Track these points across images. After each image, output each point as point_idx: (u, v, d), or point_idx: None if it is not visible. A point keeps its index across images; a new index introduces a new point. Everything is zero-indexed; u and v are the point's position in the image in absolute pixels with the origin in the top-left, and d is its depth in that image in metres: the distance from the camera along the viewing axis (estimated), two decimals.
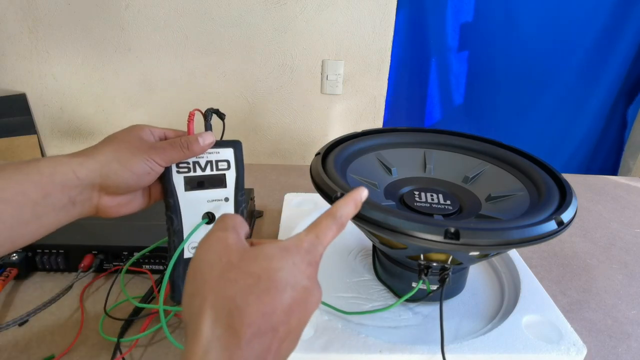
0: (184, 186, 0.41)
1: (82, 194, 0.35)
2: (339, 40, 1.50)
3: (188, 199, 0.41)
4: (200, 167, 0.42)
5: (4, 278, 0.52)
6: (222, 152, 0.43)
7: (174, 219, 0.41)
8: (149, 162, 0.37)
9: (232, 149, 0.43)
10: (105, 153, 0.36)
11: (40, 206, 0.33)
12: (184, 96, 1.58)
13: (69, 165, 0.34)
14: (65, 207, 0.35)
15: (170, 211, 0.41)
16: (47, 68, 1.52)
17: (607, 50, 1.61)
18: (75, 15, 1.44)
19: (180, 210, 0.41)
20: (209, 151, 0.42)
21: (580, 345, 0.43)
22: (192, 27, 1.47)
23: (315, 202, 0.69)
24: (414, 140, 0.59)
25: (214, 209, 0.42)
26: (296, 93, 1.58)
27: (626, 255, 0.69)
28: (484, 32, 1.61)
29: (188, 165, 0.41)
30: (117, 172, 0.36)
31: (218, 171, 0.42)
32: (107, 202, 0.38)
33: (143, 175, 0.37)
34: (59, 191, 0.34)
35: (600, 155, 1.85)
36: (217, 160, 0.42)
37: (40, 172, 0.33)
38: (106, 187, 0.36)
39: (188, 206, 0.41)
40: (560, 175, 0.49)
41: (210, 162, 0.42)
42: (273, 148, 1.69)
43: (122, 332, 0.47)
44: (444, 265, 0.44)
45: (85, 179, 0.35)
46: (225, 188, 0.43)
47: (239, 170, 0.43)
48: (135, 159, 0.37)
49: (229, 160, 0.43)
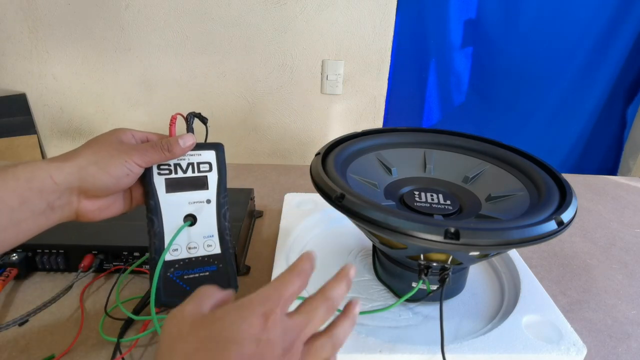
0: (165, 188, 0.41)
1: (61, 198, 0.35)
2: (339, 40, 1.50)
3: (169, 200, 0.41)
4: (182, 169, 0.42)
5: (4, 278, 0.52)
6: (204, 154, 0.43)
7: (155, 221, 0.41)
8: (127, 164, 0.37)
9: (214, 151, 0.43)
10: (83, 156, 0.36)
11: (18, 212, 0.33)
12: (184, 96, 1.58)
13: (46, 170, 0.34)
14: (44, 212, 0.34)
15: (151, 213, 0.41)
16: (47, 68, 1.52)
17: (606, 50, 1.61)
18: (75, 15, 1.44)
19: (161, 212, 0.41)
20: (190, 153, 0.42)
21: (580, 345, 0.43)
22: (192, 27, 1.47)
23: (315, 202, 0.69)
24: (414, 140, 0.59)
25: (196, 211, 0.42)
26: (296, 93, 1.58)
27: (626, 255, 0.69)
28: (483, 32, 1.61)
29: (169, 167, 0.41)
30: (95, 175, 0.36)
31: (200, 173, 0.42)
32: (87, 206, 0.38)
33: (122, 178, 0.37)
34: (37, 197, 0.33)
35: (599, 154, 1.85)
36: (198, 162, 0.42)
37: (16, 177, 0.33)
38: (85, 190, 0.36)
39: (169, 208, 0.41)
40: (560, 175, 0.49)
41: (192, 164, 0.42)
42: (273, 148, 1.69)
43: (122, 332, 0.47)
44: (444, 265, 0.44)
45: (63, 183, 0.35)
46: (207, 190, 0.43)
47: (221, 173, 0.43)
48: (113, 161, 0.37)
49: (211, 163, 0.43)
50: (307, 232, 0.64)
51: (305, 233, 0.64)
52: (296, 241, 0.62)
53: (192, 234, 0.42)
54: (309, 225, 0.65)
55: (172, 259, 0.41)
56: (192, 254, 0.42)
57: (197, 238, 0.42)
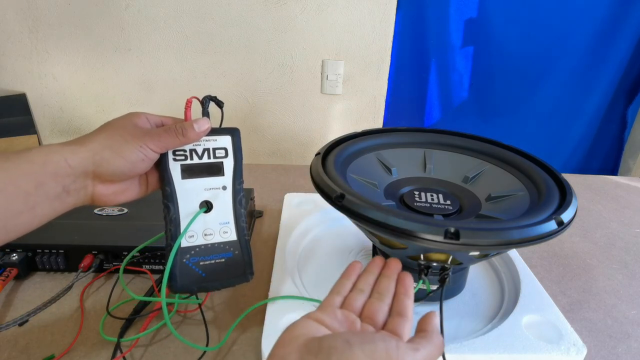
0: (181, 174, 0.41)
1: (76, 182, 0.35)
2: (339, 40, 1.50)
3: (185, 187, 0.41)
4: (197, 154, 0.41)
5: (4, 278, 0.52)
6: (220, 139, 0.42)
7: (171, 207, 0.40)
8: (142, 149, 0.37)
9: (230, 136, 0.43)
10: (97, 140, 0.36)
11: (33, 196, 0.33)
12: (184, 96, 1.55)
13: (60, 154, 0.34)
14: (59, 196, 0.34)
15: (166, 199, 0.41)
16: (47, 68, 1.52)
17: (607, 50, 1.61)
18: (75, 15, 1.44)
19: (177, 198, 0.41)
20: (206, 139, 0.41)
21: (580, 345, 0.43)
22: (192, 27, 1.47)
23: (315, 202, 0.69)
24: (414, 140, 0.59)
25: (212, 198, 0.42)
26: (296, 93, 1.58)
27: (626, 255, 0.69)
28: (483, 32, 1.61)
29: (185, 153, 0.41)
30: (110, 159, 0.36)
31: (215, 159, 0.42)
32: (102, 191, 0.37)
33: (137, 163, 0.37)
34: (52, 180, 0.33)
35: (599, 155, 1.85)
36: (214, 147, 0.42)
37: (31, 161, 0.33)
38: (100, 175, 0.36)
39: (185, 194, 0.41)
40: (560, 175, 0.49)
41: (208, 150, 0.42)
42: (273, 148, 1.69)
43: (123, 332, 0.47)
44: (444, 265, 0.44)
45: (78, 167, 0.34)
46: (223, 176, 0.42)
47: (237, 158, 0.43)
48: (128, 146, 0.36)
49: (227, 148, 0.42)
50: (307, 232, 0.64)
51: (305, 233, 0.64)
52: (296, 241, 0.62)
53: (208, 220, 0.42)
54: (309, 225, 0.65)
55: (188, 246, 0.41)
56: (208, 240, 0.42)
57: (213, 225, 0.42)
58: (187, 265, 0.41)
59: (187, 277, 0.40)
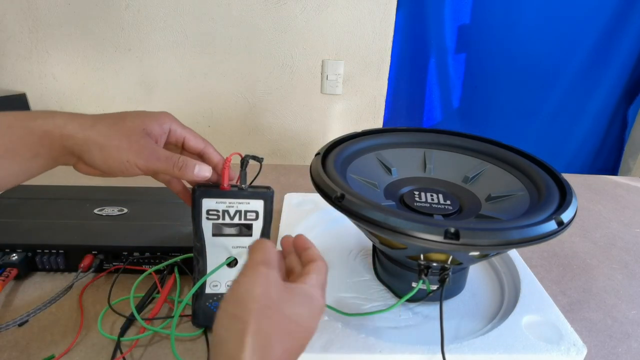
0: (212, 231, 0.43)
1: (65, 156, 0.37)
2: (339, 40, 1.50)
3: (214, 243, 0.44)
4: (229, 215, 0.43)
5: (4, 278, 0.52)
6: (253, 203, 0.43)
7: (200, 261, 0.44)
8: (127, 164, 0.36)
9: (263, 201, 0.44)
10: (98, 131, 0.36)
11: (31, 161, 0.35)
12: (184, 96, 1.58)
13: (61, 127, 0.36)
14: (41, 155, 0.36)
15: (197, 253, 0.44)
16: (47, 68, 1.52)
17: (607, 51, 1.61)
18: (75, 15, 1.44)
19: (206, 253, 0.44)
20: (239, 201, 0.43)
21: (580, 345, 0.43)
22: (192, 27, 1.47)
23: (315, 202, 0.69)
24: (414, 140, 0.59)
25: (238, 255, 0.45)
26: (296, 93, 1.58)
27: (626, 255, 0.69)
28: (483, 33, 1.61)
29: (217, 213, 0.43)
30: (95, 158, 0.36)
31: (246, 221, 0.44)
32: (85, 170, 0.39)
33: (117, 172, 0.37)
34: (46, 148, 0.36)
35: (601, 155, 1.85)
36: (246, 210, 0.43)
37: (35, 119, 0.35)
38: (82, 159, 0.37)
39: (214, 250, 0.44)
40: (560, 175, 0.49)
41: (240, 212, 0.43)
42: (273, 148, 1.69)
43: (123, 332, 0.47)
44: (444, 265, 0.44)
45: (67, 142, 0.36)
46: (250, 237, 0.45)
47: (267, 221, 0.44)
48: (116, 156, 0.36)
49: (258, 212, 0.44)
50: (307, 232, 0.64)
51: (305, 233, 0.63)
52: None
53: (232, 273, 0.46)
54: (309, 225, 0.65)
55: (212, 292, 0.46)
56: None
57: None
58: (209, 307, 0.46)
59: (208, 317, 0.46)
